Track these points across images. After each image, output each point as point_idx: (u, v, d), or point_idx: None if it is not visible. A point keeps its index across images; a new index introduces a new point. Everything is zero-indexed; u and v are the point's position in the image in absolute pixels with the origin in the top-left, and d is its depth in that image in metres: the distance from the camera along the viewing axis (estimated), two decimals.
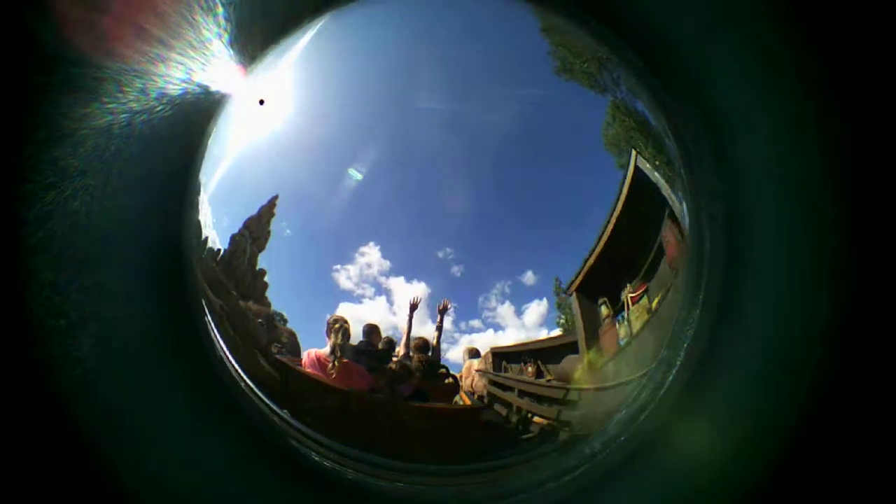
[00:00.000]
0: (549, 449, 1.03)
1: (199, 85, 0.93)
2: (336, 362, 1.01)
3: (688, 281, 1.02)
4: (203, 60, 0.92)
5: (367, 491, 1.04)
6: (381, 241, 0.94)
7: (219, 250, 1.01)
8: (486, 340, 0.98)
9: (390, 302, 0.97)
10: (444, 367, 1.02)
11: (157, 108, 0.88)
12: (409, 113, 1.01)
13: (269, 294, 1.00)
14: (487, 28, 1.07)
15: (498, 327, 0.97)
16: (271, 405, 1.03)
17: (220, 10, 0.90)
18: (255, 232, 1.01)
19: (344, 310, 0.98)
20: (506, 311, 0.95)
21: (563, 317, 0.98)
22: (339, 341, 1.00)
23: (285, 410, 1.03)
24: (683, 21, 0.90)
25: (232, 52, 0.95)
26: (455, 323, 0.97)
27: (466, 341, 0.98)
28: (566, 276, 0.96)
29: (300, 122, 1.01)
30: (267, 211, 0.99)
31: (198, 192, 1.01)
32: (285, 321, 1.01)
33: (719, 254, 0.99)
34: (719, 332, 0.98)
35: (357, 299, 0.96)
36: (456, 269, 0.94)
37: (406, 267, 0.95)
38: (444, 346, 1.00)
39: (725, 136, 0.95)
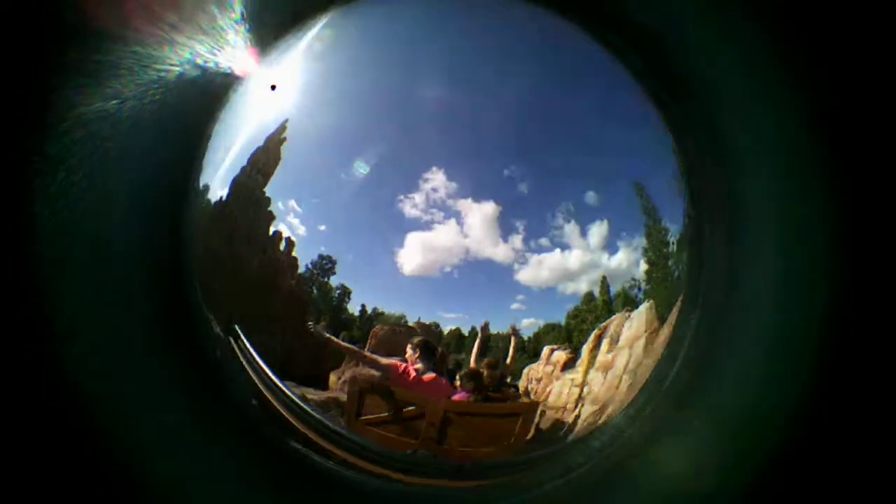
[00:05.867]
0: (554, 446, 1.05)
1: (207, 71, 0.90)
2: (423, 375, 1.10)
3: (689, 273, 1.04)
4: (214, 45, 0.90)
5: (369, 491, 1.00)
6: (444, 165, 0.94)
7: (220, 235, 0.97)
8: (554, 260, 0.97)
9: (460, 224, 0.96)
10: (510, 384, 1.11)
11: (157, 97, 0.82)
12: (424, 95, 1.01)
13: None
14: (487, 24, 1.10)
15: (566, 247, 0.97)
16: (278, 406, 1.00)
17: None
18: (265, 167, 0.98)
19: (413, 239, 0.95)
20: (572, 229, 0.96)
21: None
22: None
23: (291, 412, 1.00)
24: (678, 16, 0.91)
25: (244, 38, 0.95)
26: (525, 241, 0.96)
27: (536, 261, 0.97)
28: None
29: (310, 106, 1.01)
30: (277, 134, 0.96)
31: (199, 190, 0.98)
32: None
33: (718, 245, 0.99)
34: (722, 325, 0.96)
35: (426, 226, 0.94)
36: (522, 187, 0.95)
37: (472, 188, 0.94)
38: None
39: (723, 130, 0.95)
